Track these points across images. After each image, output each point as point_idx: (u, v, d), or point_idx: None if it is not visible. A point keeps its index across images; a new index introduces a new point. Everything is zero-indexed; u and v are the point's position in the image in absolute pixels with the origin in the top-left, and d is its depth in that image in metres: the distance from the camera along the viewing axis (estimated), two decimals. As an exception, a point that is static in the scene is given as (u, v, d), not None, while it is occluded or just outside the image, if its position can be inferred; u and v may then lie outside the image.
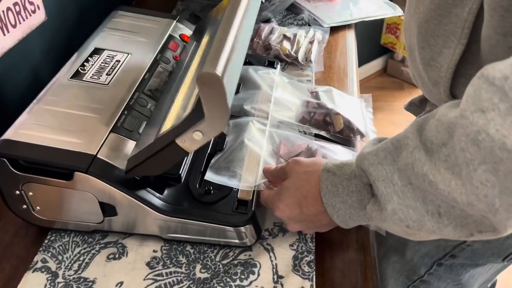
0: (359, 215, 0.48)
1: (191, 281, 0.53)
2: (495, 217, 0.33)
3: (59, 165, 0.51)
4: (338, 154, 0.64)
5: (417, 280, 0.71)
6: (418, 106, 0.65)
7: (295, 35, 0.90)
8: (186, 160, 0.60)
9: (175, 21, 0.77)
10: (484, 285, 0.74)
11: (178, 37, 0.75)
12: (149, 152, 0.50)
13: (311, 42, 0.90)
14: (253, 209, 0.56)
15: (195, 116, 0.46)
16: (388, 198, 0.41)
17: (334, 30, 0.98)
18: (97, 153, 0.52)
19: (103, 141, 0.53)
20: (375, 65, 2.49)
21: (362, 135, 0.71)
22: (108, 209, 0.54)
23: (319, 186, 0.50)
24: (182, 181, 0.58)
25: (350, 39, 0.98)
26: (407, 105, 0.67)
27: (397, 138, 0.42)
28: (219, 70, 0.40)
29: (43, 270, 0.54)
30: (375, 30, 2.34)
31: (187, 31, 0.78)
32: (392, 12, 1.05)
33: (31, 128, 0.54)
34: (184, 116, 0.48)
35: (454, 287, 0.69)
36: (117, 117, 0.57)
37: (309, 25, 0.98)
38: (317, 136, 0.70)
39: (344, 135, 0.70)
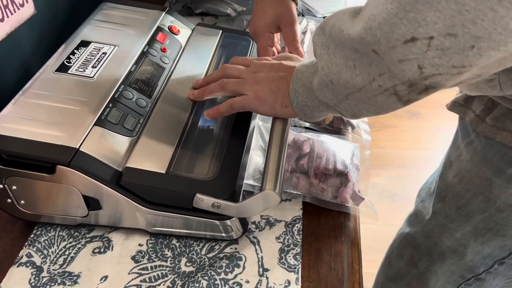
0: (313, 99, 0.50)
1: (176, 275, 0.53)
2: (380, 49, 0.38)
3: (41, 159, 0.51)
4: (328, 143, 0.63)
5: (471, 278, 0.70)
6: (463, 105, 0.64)
7: (288, 26, 0.89)
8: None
9: (164, 12, 0.76)
10: None
11: (167, 29, 0.74)
12: (160, 183, 0.52)
13: (304, 33, 0.88)
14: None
15: (232, 197, 0.52)
16: (321, 57, 0.46)
17: (328, 20, 0.96)
18: (79, 146, 0.51)
19: (86, 134, 0.53)
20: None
21: (352, 127, 0.70)
22: (92, 203, 0.54)
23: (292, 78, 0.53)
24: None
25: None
26: (450, 105, 0.66)
27: (341, 10, 0.45)
28: (279, 192, 0.49)
29: (28, 264, 0.54)
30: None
31: (177, 22, 0.77)
32: (388, 1, 1.04)
33: (14, 121, 0.53)
34: (220, 179, 0.53)
35: (507, 284, 0.68)
36: (102, 110, 0.56)
37: (303, 15, 0.97)
38: (308, 129, 0.69)
39: (335, 126, 0.69)
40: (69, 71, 0.61)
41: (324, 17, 0.95)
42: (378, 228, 1.69)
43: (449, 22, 0.33)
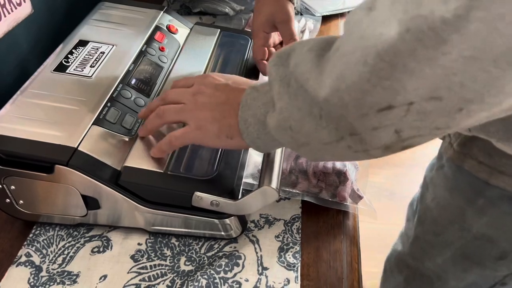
0: (266, 133, 0.44)
1: (175, 274, 0.53)
2: (348, 115, 0.33)
3: (39, 158, 0.50)
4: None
5: None
6: None
7: (286, 25, 0.89)
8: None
9: (162, 11, 0.76)
10: None
11: (165, 28, 0.74)
12: (158, 182, 0.52)
13: (302, 32, 0.88)
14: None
15: (230, 194, 0.52)
16: (280, 96, 0.39)
17: (326, 19, 0.97)
18: (78, 145, 0.51)
19: (84, 133, 0.53)
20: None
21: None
22: (91, 202, 0.54)
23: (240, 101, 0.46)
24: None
25: (343, 28, 0.96)
26: None
27: (304, 40, 0.40)
28: (277, 188, 0.49)
29: (27, 264, 0.54)
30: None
31: (175, 22, 0.77)
32: (386, 0, 1.04)
33: (12, 121, 0.53)
34: (218, 178, 0.53)
35: None
36: (100, 109, 0.56)
37: (301, 14, 0.97)
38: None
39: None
40: (67, 71, 0.61)
41: (322, 16, 0.96)
42: (377, 227, 1.69)
43: (433, 86, 0.29)
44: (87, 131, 0.53)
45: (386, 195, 1.81)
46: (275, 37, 0.72)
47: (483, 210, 0.55)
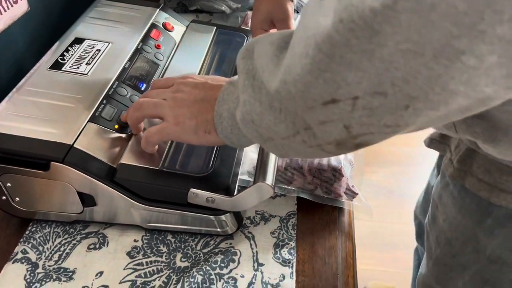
0: (237, 128, 0.43)
1: (171, 270, 0.53)
2: (297, 108, 0.33)
3: (35, 156, 0.51)
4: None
5: None
6: (440, 142, 0.59)
7: (282, 23, 0.89)
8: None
9: (158, 9, 0.76)
10: None
11: (161, 26, 0.74)
12: (154, 179, 0.52)
13: (298, 29, 0.89)
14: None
15: (226, 191, 0.52)
16: (244, 89, 0.39)
17: (323, 17, 0.97)
18: (73, 143, 0.51)
19: (80, 130, 0.53)
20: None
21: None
22: (87, 199, 0.54)
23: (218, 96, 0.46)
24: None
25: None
26: (428, 142, 0.61)
27: (269, 33, 0.39)
28: (272, 184, 0.50)
29: (23, 261, 0.54)
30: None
31: (171, 19, 0.77)
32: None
33: (8, 118, 0.53)
34: (214, 174, 0.53)
35: None
36: (96, 106, 0.56)
37: (298, 12, 0.97)
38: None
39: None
40: (63, 68, 0.62)
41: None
42: (374, 225, 1.71)
43: (376, 81, 0.28)
44: (83, 128, 0.53)
45: (384, 193, 1.81)
46: None
47: (492, 230, 0.53)
